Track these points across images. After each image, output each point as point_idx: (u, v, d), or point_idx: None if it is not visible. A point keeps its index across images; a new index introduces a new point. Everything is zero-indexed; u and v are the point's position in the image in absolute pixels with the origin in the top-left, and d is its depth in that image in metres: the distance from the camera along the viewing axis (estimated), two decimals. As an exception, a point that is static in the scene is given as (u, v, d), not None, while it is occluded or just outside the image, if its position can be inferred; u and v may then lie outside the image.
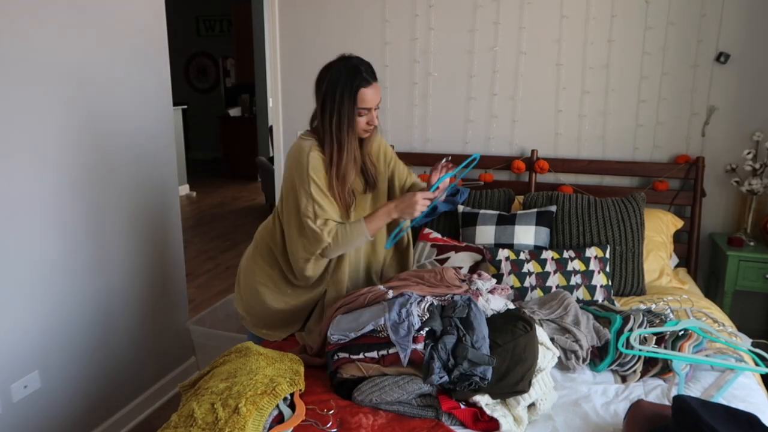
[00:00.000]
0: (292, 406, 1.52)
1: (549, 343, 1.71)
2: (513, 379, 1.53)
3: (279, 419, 1.47)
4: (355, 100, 1.79)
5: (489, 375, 1.50)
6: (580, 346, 1.82)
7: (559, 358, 1.80)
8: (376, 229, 1.88)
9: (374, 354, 1.59)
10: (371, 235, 1.87)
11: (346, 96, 1.78)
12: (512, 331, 1.62)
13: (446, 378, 1.49)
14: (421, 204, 1.86)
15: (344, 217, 1.91)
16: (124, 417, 2.57)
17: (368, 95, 1.81)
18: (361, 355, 1.59)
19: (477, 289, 1.95)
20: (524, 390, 1.53)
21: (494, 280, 2.06)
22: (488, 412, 1.48)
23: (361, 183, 2.00)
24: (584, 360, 1.83)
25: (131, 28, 2.43)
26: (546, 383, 1.61)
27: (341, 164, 1.83)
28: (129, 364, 2.58)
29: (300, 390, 1.56)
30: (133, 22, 2.44)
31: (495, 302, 1.87)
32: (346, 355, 1.61)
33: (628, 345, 1.81)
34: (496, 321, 1.70)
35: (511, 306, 1.90)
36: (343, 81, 1.78)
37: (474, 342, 1.53)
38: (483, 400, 1.51)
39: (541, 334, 1.71)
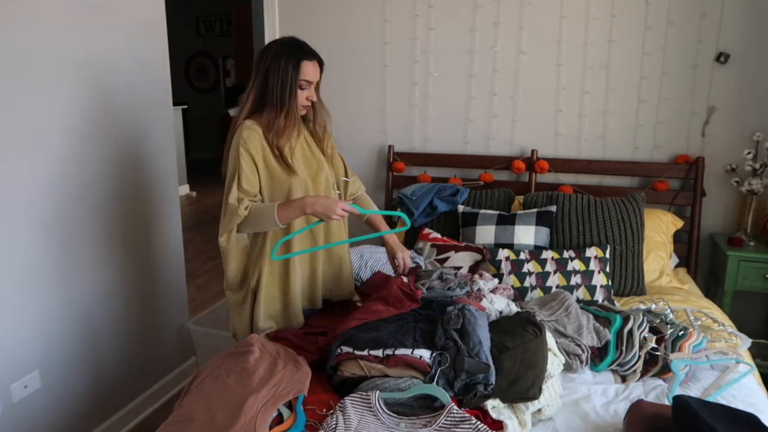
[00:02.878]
0: (290, 405, 1.52)
1: (556, 349, 1.70)
2: (524, 385, 1.51)
3: (278, 420, 1.47)
4: (298, 70, 1.87)
5: (492, 379, 1.49)
6: (583, 350, 1.82)
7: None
8: (288, 218, 1.82)
9: (379, 353, 1.58)
10: (282, 222, 1.81)
11: (291, 65, 1.86)
12: (522, 335, 1.60)
13: (451, 393, 1.50)
14: (339, 213, 1.78)
15: (281, 184, 1.90)
16: (124, 417, 2.57)
17: (309, 68, 1.90)
18: (365, 352, 1.59)
19: (479, 289, 1.94)
20: (535, 397, 1.52)
21: (496, 280, 2.06)
22: (494, 415, 1.47)
23: (301, 158, 2.00)
24: (586, 363, 1.83)
25: (131, 28, 2.43)
26: (555, 390, 1.60)
27: (282, 124, 1.88)
28: (129, 364, 2.58)
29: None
30: (133, 22, 2.44)
31: (498, 302, 1.87)
32: (350, 350, 1.61)
33: (628, 341, 1.81)
34: (505, 324, 1.68)
35: (513, 306, 1.89)
36: (287, 52, 1.87)
37: (471, 350, 1.52)
38: (491, 403, 1.50)
39: (549, 339, 1.69)
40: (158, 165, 2.66)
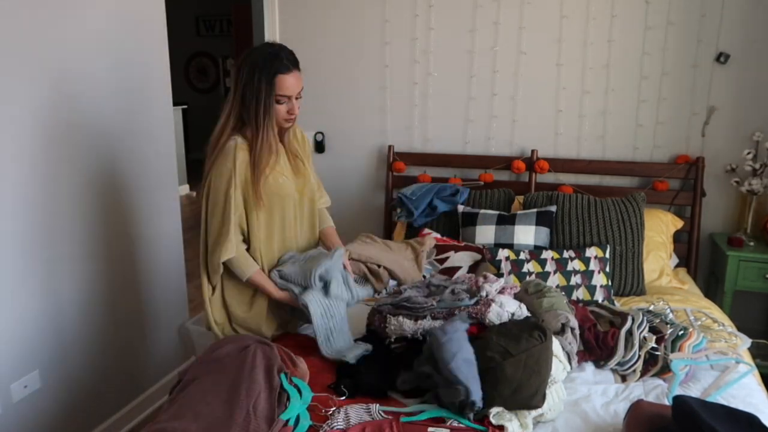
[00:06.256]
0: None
1: (561, 356, 1.68)
2: (527, 393, 1.49)
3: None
4: (273, 86, 1.77)
5: (476, 397, 1.46)
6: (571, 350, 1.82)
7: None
8: (257, 286, 1.92)
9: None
10: (248, 283, 1.92)
11: (264, 81, 1.77)
12: (527, 340, 1.55)
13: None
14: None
15: (252, 219, 1.91)
16: (124, 417, 2.57)
17: (287, 82, 1.79)
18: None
19: (487, 295, 1.89)
20: (538, 406, 1.50)
21: (501, 280, 1.99)
22: (494, 421, 1.47)
23: (289, 173, 1.99)
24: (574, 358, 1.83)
25: (131, 28, 2.43)
26: (559, 395, 1.59)
27: (256, 151, 1.83)
28: (129, 364, 2.58)
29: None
30: (133, 22, 2.44)
31: (509, 304, 1.81)
32: None
33: (627, 341, 1.81)
34: (512, 328, 1.64)
35: (524, 308, 1.86)
36: (261, 66, 1.77)
37: (445, 377, 1.48)
38: (494, 409, 1.49)
39: (555, 345, 1.66)
40: (158, 165, 2.65)
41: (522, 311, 1.83)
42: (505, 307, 1.80)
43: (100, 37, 2.28)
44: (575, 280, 2.34)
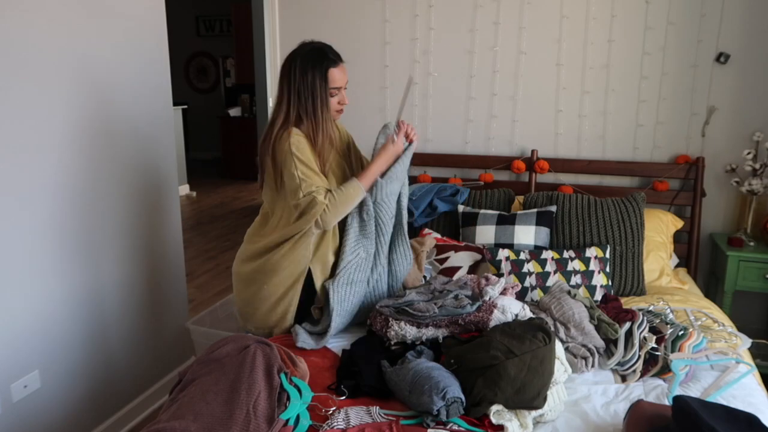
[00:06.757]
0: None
1: (564, 358, 1.68)
2: (530, 394, 1.48)
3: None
4: (326, 80, 1.93)
5: (457, 409, 1.47)
6: (592, 354, 1.81)
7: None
8: (370, 183, 2.00)
9: None
10: (366, 189, 1.98)
11: (318, 77, 1.91)
12: (531, 341, 1.55)
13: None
14: (399, 145, 2.05)
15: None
16: (124, 417, 2.57)
17: (337, 75, 1.96)
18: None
19: (490, 298, 1.88)
20: (539, 407, 1.50)
21: (502, 280, 1.98)
22: (494, 420, 1.46)
23: (340, 167, 2.10)
24: (593, 365, 1.82)
25: (131, 28, 2.43)
26: (560, 396, 1.59)
27: (317, 144, 1.95)
28: (129, 364, 2.58)
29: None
30: (132, 21, 2.44)
31: (513, 306, 1.82)
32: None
33: (627, 341, 1.81)
34: (516, 329, 1.64)
35: (528, 310, 1.84)
36: (312, 64, 1.91)
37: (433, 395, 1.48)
38: (495, 407, 1.49)
39: (558, 348, 1.66)
40: (158, 165, 2.66)
41: (525, 312, 1.84)
42: (509, 311, 1.80)
43: (100, 37, 2.28)
44: (575, 280, 2.34)
